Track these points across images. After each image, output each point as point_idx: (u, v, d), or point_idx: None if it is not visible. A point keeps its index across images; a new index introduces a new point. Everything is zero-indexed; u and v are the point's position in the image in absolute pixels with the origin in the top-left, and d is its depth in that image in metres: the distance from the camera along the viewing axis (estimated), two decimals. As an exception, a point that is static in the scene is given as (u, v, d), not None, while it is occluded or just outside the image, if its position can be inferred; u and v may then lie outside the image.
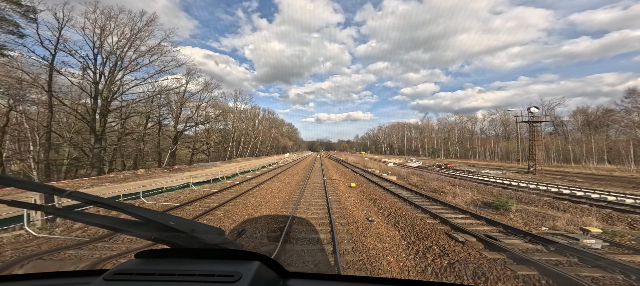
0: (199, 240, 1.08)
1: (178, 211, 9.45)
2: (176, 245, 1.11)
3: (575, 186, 18.36)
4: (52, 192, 0.97)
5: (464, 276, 4.69)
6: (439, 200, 11.82)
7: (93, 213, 1.09)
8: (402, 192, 14.67)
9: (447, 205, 10.65)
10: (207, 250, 1.11)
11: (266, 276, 1.01)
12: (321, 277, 1.11)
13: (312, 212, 9.23)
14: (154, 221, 1.03)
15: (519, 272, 4.81)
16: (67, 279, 1.11)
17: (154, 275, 0.96)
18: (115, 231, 1.47)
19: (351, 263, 5.18)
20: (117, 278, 0.95)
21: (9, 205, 0.99)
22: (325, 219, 8.32)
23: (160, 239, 1.09)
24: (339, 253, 5.42)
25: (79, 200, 1.00)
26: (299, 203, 10.58)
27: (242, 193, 12.94)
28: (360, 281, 1.10)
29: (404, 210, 9.59)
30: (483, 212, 10.00)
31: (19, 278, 1.15)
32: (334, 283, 1.07)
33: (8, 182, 0.88)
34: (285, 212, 9.28)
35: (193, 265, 1.01)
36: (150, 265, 1.04)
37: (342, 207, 9.93)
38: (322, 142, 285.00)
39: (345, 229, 7.25)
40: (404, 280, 1.11)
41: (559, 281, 4.53)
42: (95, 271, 1.14)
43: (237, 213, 8.93)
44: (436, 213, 9.10)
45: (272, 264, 1.09)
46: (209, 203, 10.67)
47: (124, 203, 1.15)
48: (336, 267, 4.88)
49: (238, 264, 1.02)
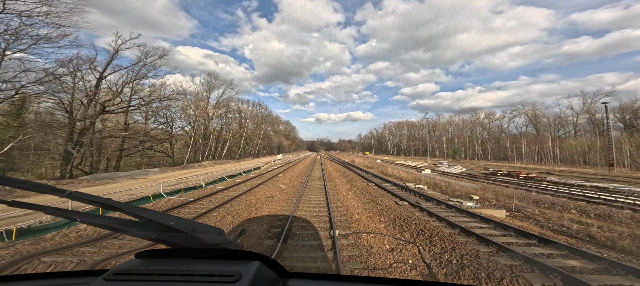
0: (199, 240, 1.07)
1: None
2: (176, 245, 1.10)
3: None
4: (52, 192, 0.95)
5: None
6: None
7: (93, 213, 1.12)
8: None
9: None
10: (207, 250, 1.10)
11: (266, 276, 1.00)
12: (321, 277, 1.10)
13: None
14: (154, 222, 1.03)
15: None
16: (67, 279, 1.10)
17: (154, 275, 0.95)
18: (115, 232, 1.48)
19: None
20: (118, 278, 0.95)
21: (9, 205, 0.97)
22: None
23: (160, 239, 1.08)
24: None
25: (79, 200, 1.00)
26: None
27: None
28: (361, 281, 1.09)
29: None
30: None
31: (19, 278, 1.14)
32: (334, 283, 1.06)
33: (8, 182, 0.87)
34: None
35: (193, 265, 1.01)
36: (150, 265, 1.04)
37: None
38: (322, 141, 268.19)
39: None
40: (404, 280, 1.07)
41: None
42: (95, 271, 1.13)
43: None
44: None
45: (272, 264, 1.08)
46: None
47: (124, 203, 1.10)
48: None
49: (238, 264, 1.01)
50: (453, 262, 5.09)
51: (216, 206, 9.60)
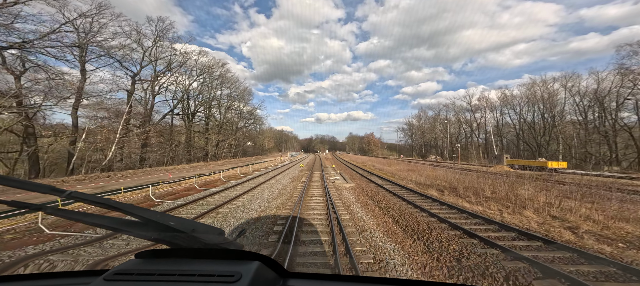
0: (199, 240, 1.07)
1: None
2: (176, 245, 1.10)
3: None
4: (51, 191, 0.95)
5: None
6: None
7: (93, 213, 1.06)
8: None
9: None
10: (207, 250, 1.09)
11: (266, 276, 1.00)
12: (321, 277, 1.10)
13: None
14: (154, 222, 1.03)
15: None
16: (67, 279, 1.10)
17: (154, 275, 0.95)
18: (115, 232, 1.49)
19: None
20: (118, 278, 0.94)
21: (9, 205, 0.97)
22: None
23: (160, 239, 1.07)
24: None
25: (79, 200, 1.00)
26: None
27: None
28: (361, 281, 1.10)
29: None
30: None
31: (19, 278, 1.15)
32: (334, 283, 1.06)
33: (8, 182, 0.87)
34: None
35: (193, 265, 1.01)
36: (150, 265, 1.03)
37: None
38: (324, 139, 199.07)
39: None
40: (404, 280, 1.07)
41: None
42: (95, 271, 1.12)
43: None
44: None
45: (272, 264, 1.07)
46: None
47: (124, 203, 1.10)
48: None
49: (238, 264, 1.01)
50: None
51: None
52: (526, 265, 4.91)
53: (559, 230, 7.04)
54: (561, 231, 6.93)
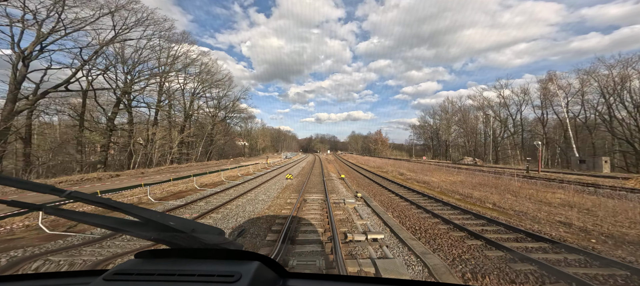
0: (199, 240, 1.06)
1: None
2: (176, 245, 1.10)
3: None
4: (51, 191, 0.94)
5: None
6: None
7: (93, 213, 1.06)
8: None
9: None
10: (207, 250, 1.09)
11: (266, 276, 1.00)
12: (321, 277, 1.10)
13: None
14: (154, 222, 1.03)
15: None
16: (67, 279, 1.10)
17: (154, 275, 0.95)
18: (115, 231, 1.46)
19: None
20: (117, 278, 0.94)
21: (9, 205, 0.97)
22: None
23: (160, 239, 1.07)
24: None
25: (79, 200, 0.99)
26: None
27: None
28: (361, 281, 1.09)
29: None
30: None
31: (19, 278, 1.15)
32: (334, 283, 1.05)
33: (8, 182, 0.87)
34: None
35: (193, 265, 1.00)
36: (150, 265, 1.03)
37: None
38: (324, 138, 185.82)
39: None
40: (404, 280, 1.07)
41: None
42: (95, 271, 1.12)
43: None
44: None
45: (272, 264, 1.07)
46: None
47: (124, 203, 1.10)
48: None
49: (238, 264, 1.01)
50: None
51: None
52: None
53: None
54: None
